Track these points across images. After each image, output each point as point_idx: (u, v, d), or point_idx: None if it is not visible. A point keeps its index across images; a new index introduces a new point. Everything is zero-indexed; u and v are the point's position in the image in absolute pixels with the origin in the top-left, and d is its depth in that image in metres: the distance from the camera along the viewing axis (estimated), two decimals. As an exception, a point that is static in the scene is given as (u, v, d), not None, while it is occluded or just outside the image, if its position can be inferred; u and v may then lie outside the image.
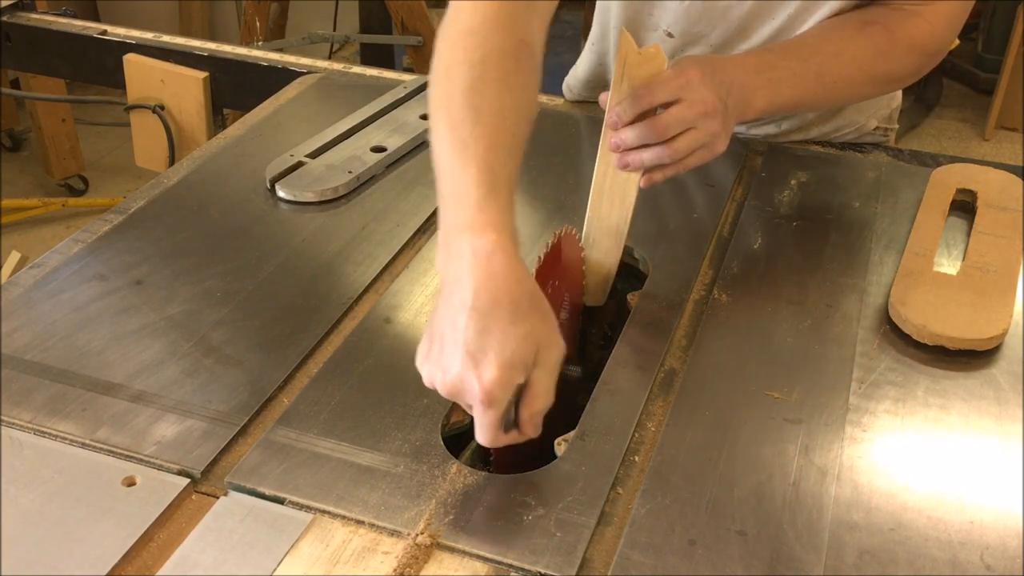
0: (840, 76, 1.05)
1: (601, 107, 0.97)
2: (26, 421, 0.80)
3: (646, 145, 0.92)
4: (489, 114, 0.78)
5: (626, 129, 0.92)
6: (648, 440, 0.80)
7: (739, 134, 1.27)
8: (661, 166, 0.94)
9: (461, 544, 0.70)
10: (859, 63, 1.05)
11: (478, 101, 0.79)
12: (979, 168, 1.15)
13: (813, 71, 1.03)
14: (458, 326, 0.70)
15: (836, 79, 1.05)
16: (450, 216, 0.76)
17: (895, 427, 0.81)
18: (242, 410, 0.82)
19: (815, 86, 1.04)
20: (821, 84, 1.04)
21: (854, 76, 1.06)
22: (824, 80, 1.04)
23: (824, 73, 1.04)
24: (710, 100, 0.92)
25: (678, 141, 0.92)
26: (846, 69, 1.05)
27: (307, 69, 1.46)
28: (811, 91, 1.04)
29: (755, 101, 0.99)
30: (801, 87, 1.03)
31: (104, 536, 0.69)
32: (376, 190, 1.15)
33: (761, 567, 0.69)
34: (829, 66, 1.04)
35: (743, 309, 0.94)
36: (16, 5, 1.69)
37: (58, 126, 3.02)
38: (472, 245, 0.72)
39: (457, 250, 0.73)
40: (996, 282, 0.95)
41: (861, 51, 1.05)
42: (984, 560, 0.70)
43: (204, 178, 1.16)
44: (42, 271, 0.99)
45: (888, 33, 1.05)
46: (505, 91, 0.80)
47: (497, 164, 0.76)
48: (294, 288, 0.97)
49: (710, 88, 0.93)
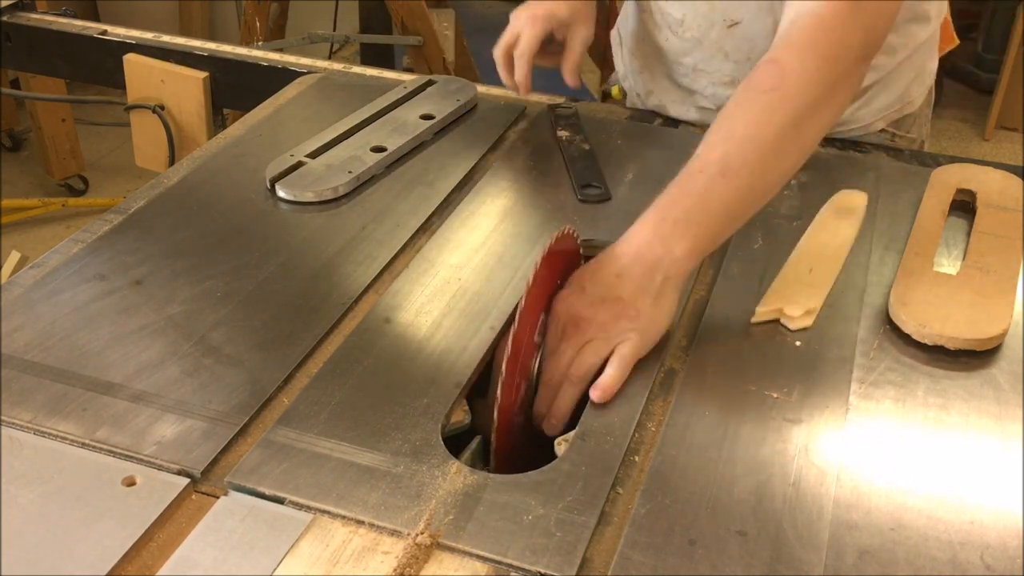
0: (745, 156, 0.87)
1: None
2: (26, 421, 0.80)
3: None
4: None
5: (539, 403, 0.87)
6: (648, 440, 0.80)
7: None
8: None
9: (461, 544, 0.70)
10: (756, 124, 0.88)
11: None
12: (979, 168, 1.15)
13: (716, 175, 0.86)
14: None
15: (745, 163, 0.87)
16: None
17: (895, 427, 0.81)
18: (242, 410, 0.82)
19: (731, 189, 0.86)
20: (738, 179, 0.86)
21: (763, 142, 0.87)
22: (737, 174, 0.86)
23: (727, 169, 0.86)
24: (580, 325, 0.85)
25: (573, 367, 0.85)
26: (747, 144, 0.87)
27: (307, 69, 1.46)
28: (732, 196, 0.87)
29: (675, 256, 0.86)
30: (718, 201, 0.87)
31: (104, 536, 0.69)
32: (376, 190, 1.15)
33: (761, 567, 0.69)
34: (729, 157, 0.87)
35: (743, 309, 0.94)
36: (16, 5, 1.69)
37: (58, 126, 3.02)
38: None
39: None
40: (996, 282, 0.95)
41: (749, 109, 0.88)
42: (984, 560, 0.70)
43: (204, 178, 1.16)
44: (42, 271, 0.99)
45: (772, 64, 0.89)
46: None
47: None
48: (294, 288, 0.97)
49: (582, 303, 0.86)
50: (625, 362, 0.84)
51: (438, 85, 1.36)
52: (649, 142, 1.28)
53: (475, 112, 1.33)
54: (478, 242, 1.05)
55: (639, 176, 1.17)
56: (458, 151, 1.23)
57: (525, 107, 1.34)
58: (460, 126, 1.30)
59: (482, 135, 1.27)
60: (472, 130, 1.29)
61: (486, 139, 1.26)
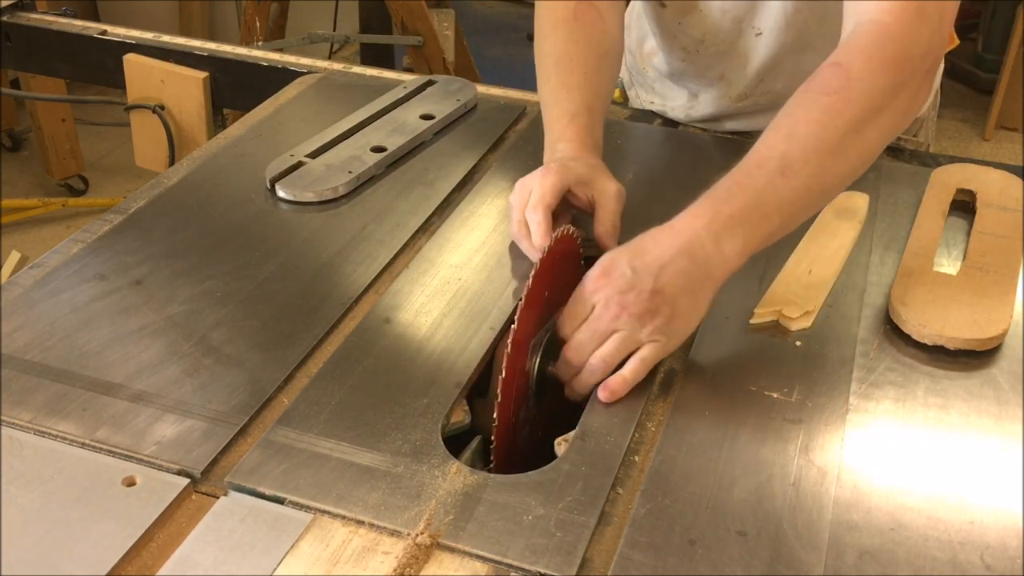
0: (807, 155, 0.85)
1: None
2: (26, 421, 0.80)
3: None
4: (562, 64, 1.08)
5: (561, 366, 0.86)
6: (648, 440, 0.80)
7: (739, 132, 1.27)
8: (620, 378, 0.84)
9: (461, 544, 0.70)
10: (818, 124, 0.86)
11: (552, 59, 1.10)
12: (979, 168, 1.15)
13: (775, 172, 0.84)
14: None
15: (806, 162, 0.85)
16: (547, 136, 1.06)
17: (895, 427, 0.81)
18: (242, 410, 0.82)
19: (788, 188, 0.85)
20: (796, 179, 0.85)
21: (824, 142, 0.85)
22: (796, 173, 0.84)
23: (788, 167, 0.84)
24: (612, 308, 0.83)
25: (598, 353, 0.84)
26: (809, 143, 0.85)
27: (307, 69, 1.46)
28: (789, 196, 0.85)
29: (725, 255, 0.84)
30: (774, 200, 0.84)
31: (104, 536, 0.69)
32: (376, 190, 1.15)
33: (761, 567, 0.69)
34: (790, 155, 0.85)
35: (743, 309, 0.94)
36: (16, 5, 1.69)
37: (58, 126, 3.02)
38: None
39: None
40: (996, 282, 0.95)
41: (812, 109, 0.87)
42: (984, 560, 0.70)
43: (204, 178, 1.16)
44: (42, 271, 0.99)
45: (837, 67, 0.88)
46: (571, 43, 1.09)
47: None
48: (294, 288, 0.97)
49: (619, 285, 0.83)
50: (645, 365, 0.83)
51: (438, 85, 1.36)
52: (649, 142, 1.28)
53: (475, 112, 1.33)
54: (478, 242, 1.05)
55: (639, 176, 1.17)
56: (458, 151, 1.23)
57: (525, 107, 1.34)
58: (460, 126, 1.30)
59: (482, 135, 1.27)
60: (472, 130, 1.29)
61: (486, 139, 1.26)
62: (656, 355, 0.84)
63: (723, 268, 0.84)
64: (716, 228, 0.83)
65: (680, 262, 0.83)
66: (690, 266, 0.83)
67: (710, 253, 0.83)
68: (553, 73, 1.09)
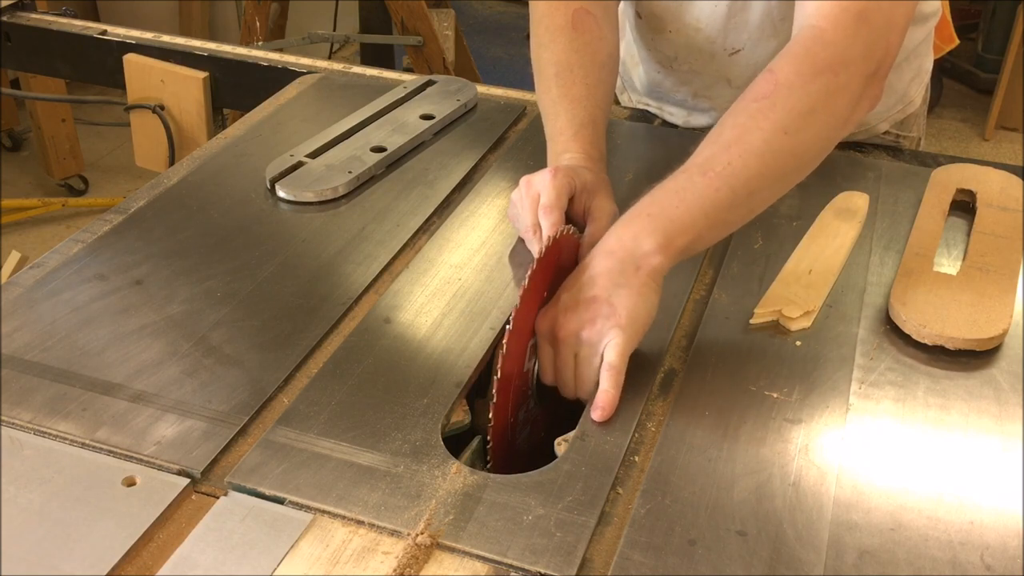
0: (729, 157, 0.86)
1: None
2: (26, 421, 0.80)
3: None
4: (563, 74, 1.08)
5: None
6: (648, 440, 0.80)
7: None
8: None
9: (461, 544, 0.70)
10: (742, 128, 0.88)
11: (552, 68, 1.09)
12: (979, 168, 1.15)
13: (696, 174, 0.87)
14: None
15: (728, 163, 0.86)
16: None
17: (895, 427, 0.81)
18: (242, 410, 0.82)
19: (710, 188, 0.86)
20: (719, 180, 0.86)
21: (747, 145, 0.87)
22: (718, 175, 0.86)
23: (709, 168, 0.87)
24: (562, 336, 0.84)
25: (578, 388, 0.86)
26: (732, 146, 0.87)
27: (307, 69, 1.46)
28: (711, 196, 0.86)
29: (644, 250, 0.85)
30: (695, 199, 0.86)
31: (104, 536, 0.69)
32: (376, 190, 1.15)
33: (761, 567, 0.69)
34: (713, 158, 0.87)
35: (743, 309, 0.94)
36: (16, 5, 1.69)
37: (58, 126, 3.02)
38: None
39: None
40: (996, 282, 0.96)
41: (739, 115, 0.89)
42: (984, 560, 0.70)
43: (204, 178, 1.16)
44: (42, 271, 0.99)
45: (768, 73, 0.90)
46: (572, 53, 1.09)
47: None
48: (294, 288, 0.97)
49: (561, 312, 0.85)
50: (615, 371, 0.83)
51: (438, 85, 1.36)
52: (648, 143, 1.28)
53: (475, 112, 1.33)
54: (478, 242, 1.05)
55: (639, 176, 1.17)
56: (458, 151, 1.23)
57: (525, 107, 1.34)
58: (460, 126, 1.30)
59: (482, 135, 1.27)
60: (472, 130, 1.29)
61: (486, 139, 1.26)
62: (620, 354, 0.83)
63: (646, 262, 0.85)
64: (635, 228, 0.86)
65: (604, 264, 0.86)
66: (613, 263, 0.85)
67: (630, 249, 0.85)
68: (554, 84, 1.08)
